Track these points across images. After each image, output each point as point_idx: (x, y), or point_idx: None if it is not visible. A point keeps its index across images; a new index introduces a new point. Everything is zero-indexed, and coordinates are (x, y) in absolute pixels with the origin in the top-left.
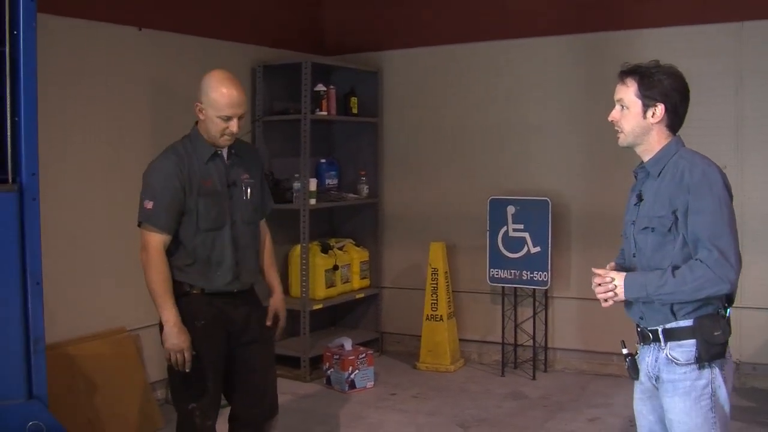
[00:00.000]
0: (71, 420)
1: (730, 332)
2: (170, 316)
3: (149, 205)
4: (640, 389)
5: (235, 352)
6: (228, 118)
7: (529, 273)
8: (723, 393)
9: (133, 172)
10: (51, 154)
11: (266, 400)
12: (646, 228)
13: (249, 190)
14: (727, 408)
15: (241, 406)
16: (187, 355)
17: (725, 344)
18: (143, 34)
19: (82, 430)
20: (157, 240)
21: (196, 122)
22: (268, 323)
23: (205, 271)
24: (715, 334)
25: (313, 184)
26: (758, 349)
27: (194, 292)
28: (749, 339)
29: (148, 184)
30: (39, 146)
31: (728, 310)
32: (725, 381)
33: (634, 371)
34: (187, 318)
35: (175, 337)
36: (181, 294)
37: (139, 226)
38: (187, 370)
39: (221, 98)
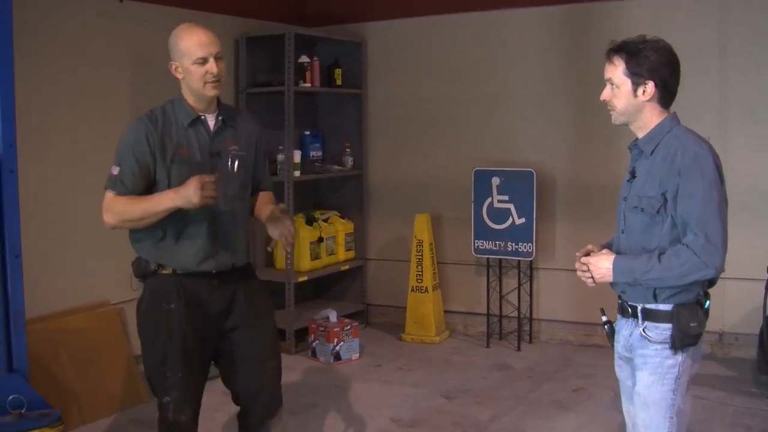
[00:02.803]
0: (54, 394)
1: (705, 323)
2: (167, 194)
3: (115, 170)
4: (618, 356)
5: (220, 339)
6: (204, 60)
7: (513, 244)
8: (686, 378)
9: (114, 145)
10: (30, 127)
11: (263, 395)
12: (635, 207)
13: (236, 163)
14: (683, 393)
15: (239, 399)
16: (207, 181)
17: (700, 335)
18: (124, 5)
19: (65, 403)
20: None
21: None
22: (268, 248)
23: (174, 247)
24: (692, 325)
25: (297, 156)
26: (741, 319)
27: (163, 272)
28: (732, 309)
29: (117, 148)
30: (17, 119)
31: (707, 301)
32: (692, 367)
33: (612, 338)
34: (154, 300)
35: (186, 190)
36: (148, 274)
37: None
38: (215, 194)
39: (190, 41)
